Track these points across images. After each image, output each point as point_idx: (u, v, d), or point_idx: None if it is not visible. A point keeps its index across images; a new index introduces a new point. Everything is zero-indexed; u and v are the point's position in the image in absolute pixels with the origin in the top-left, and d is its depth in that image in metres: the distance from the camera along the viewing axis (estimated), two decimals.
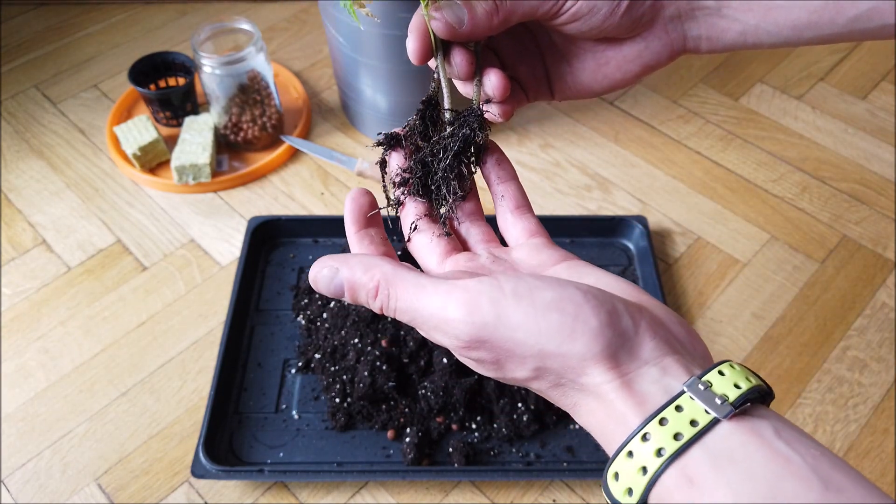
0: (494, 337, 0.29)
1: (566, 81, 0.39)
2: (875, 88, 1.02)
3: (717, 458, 0.26)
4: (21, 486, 0.65)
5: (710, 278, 0.81)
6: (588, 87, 0.38)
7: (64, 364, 0.73)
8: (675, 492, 0.26)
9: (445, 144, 0.36)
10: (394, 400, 0.67)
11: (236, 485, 0.65)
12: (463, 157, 0.36)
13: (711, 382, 0.28)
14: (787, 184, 0.90)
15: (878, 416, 0.70)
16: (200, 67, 0.85)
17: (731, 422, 0.27)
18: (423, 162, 0.36)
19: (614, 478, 0.28)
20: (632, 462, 0.27)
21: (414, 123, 0.37)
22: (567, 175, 0.91)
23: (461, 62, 0.35)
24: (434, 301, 0.30)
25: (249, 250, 0.79)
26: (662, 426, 0.27)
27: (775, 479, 0.25)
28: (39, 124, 0.98)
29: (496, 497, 0.65)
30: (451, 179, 0.36)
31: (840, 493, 0.25)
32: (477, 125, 0.36)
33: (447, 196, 0.36)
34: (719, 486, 0.25)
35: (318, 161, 0.92)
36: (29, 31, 1.11)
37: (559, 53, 0.38)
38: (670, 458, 0.26)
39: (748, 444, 0.26)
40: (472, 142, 0.36)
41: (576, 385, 0.29)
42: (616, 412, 0.28)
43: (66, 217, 0.87)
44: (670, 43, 0.37)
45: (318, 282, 0.33)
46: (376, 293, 0.32)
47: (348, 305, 0.72)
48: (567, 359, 0.29)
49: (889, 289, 0.79)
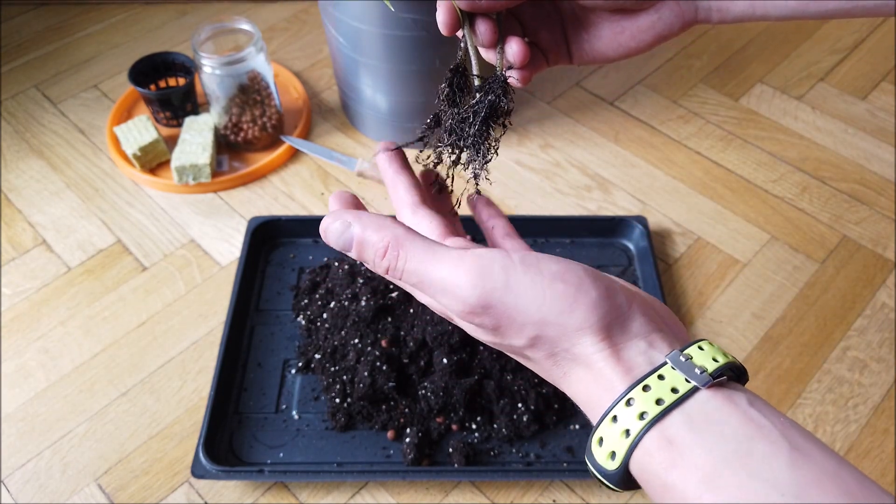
0: (500, 303, 0.31)
1: (584, 48, 0.40)
2: (875, 89, 1.02)
3: (694, 421, 0.28)
4: (21, 486, 0.65)
5: (710, 278, 0.81)
6: (604, 54, 0.40)
7: (64, 364, 0.73)
8: (655, 453, 0.28)
9: (475, 110, 0.38)
10: (394, 400, 0.67)
11: (236, 485, 0.65)
12: (491, 122, 0.38)
13: (692, 356, 0.30)
14: (787, 184, 0.90)
15: (879, 416, 0.70)
16: (200, 67, 0.85)
17: (708, 390, 0.29)
18: (454, 127, 0.39)
19: (598, 443, 0.30)
20: (615, 426, 0.29)
21: (443, 90, 0.39)
22: (567, 175, 0.91)
23: (485, 31, 0.37)
24: (444, 265, 0.31)
25: (249, 250, 0.79)
26: (646, 392, 0.29)
27: (747, 441, 0.27)
28: (39, 124, 0.98)
29: (496, 497, 0.65)
30: (481, 142, 0.38)
31: (807, 456, 0.26)
32: (501, 91, 0.38)
33: (477, 157, 0.39)
34: (696, 446, 0.27)
35: (318, 161, 0.92)
36: (29, 31, 1.11)
37: (578, 21, 0.40)
38: (652, 420, 0.28)
39: (723, 410, 0.28)
40: (498, 107, 0.38)
41: (568, 355, 0.31)
42: (604, 380, 0.30)
43: (66, 217, 0.87)
44: (682, 14, 0.38)
45: (329, 233, 0.34)
46: (385, 253, 0.33)
47: (348, 306, 0.72)
48: (565, 328, 0.31)
49: (889, 289, 0.79)
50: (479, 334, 0.33)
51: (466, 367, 0.68)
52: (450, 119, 0.39)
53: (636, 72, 1.05)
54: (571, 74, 1.05)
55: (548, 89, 1.02)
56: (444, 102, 0.39)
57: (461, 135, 0.39)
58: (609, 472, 0.30)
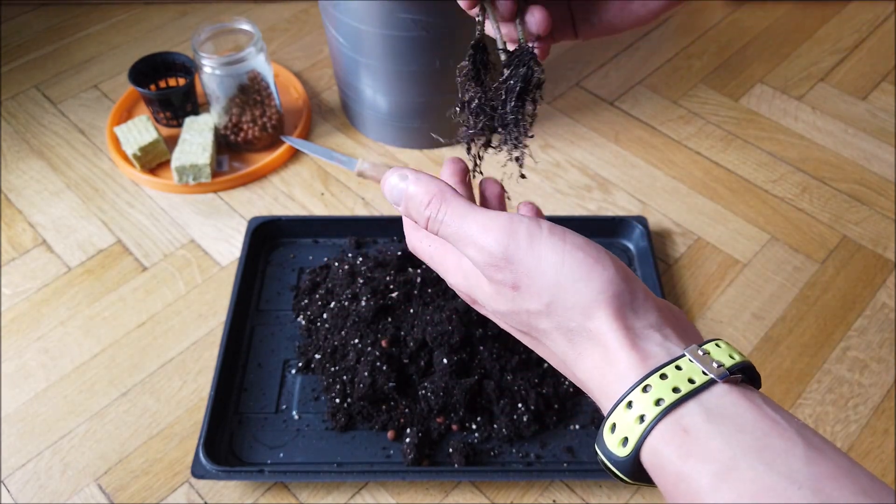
0: (520, 261, 0.32)
1: (591, 21, 0.40)
2: (875, 89, 1.02)
3: (711, 412, 0.28)
4: (21, 487, 0.65)
5: (711, 279, 0.81)
6: (613, 25, 0.40)
7: (64, 364, 0.73)
8: (669, 441, 0.28)
9: (507, 86, 0.37)
10: (394, 400, 0.67)
11: (236, 485, 0.65)
12: (526, 96, 0.37)
13: (709, 351, 0.30)
14: (788, 184, 0.90)
15: (879, 416, 0.70)
16: (201, 68, 0.85)
17: (724, 384, 0.29)
18: (483, 109, 0.37)
19: (611, 430, 0.30)
20: (630, 412, 0.29)
21: (464, 69, 0.38)
22: (567, 175, 0.91)
23: (505, 2, 0.37)
24: (479, 219, 0.33)
25: (249, 250, 0.79)
26: (663, 381, 0.29)
27: (763, 436, 0.27)
28: (40, 124, 0.98)
29: (496, 497, 0.65)
30: (520, 119, 0.37)
31: (822, 453, 0.26)
32: (532, 61, 0.37)
33: (517, 136, 0.38)
34: (712, 437, 0.27)
35: (318, 161, 0.92)
36: (29, 31, 1.11)
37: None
38: (668, 407, 0.28)
39: (739, 404, 0.28)
40: (531, 78, 0.37)
41: (583, 331, 0.31)
42: (619, 365, 0.30)
43: (66, 217, 0.87)
44: None
45: (386, 184, 0.37)
46: (428, 203, 0.35)
47: (348, 306, 0.72)
48: (580, 296, 0.31)
49: (889, 289, 0.79)
50: (499, 297, 0.33)
51: (466, 368, 0.68)
52: (476, 99, 0.37)
53: (636, 72, 1.05)
54: (571, 75, 1.05)
55: (548, 89, 1.02)
56: (468, 82, 0.37)
57: (492, 115, 0.37)
58: (619, 460, 0.29)
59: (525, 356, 0.70)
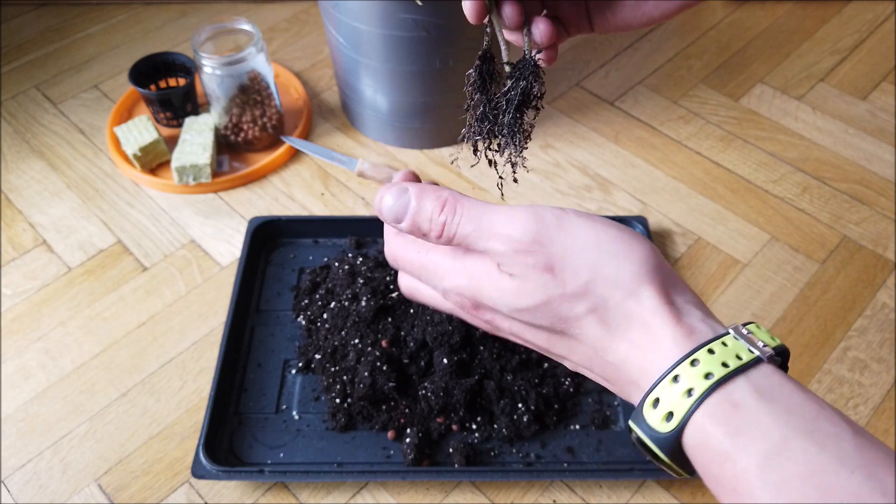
0: (554, 239, 0.31)
1: (606, 17, 0.40)
2: (875, 89, 1.02)
3: (760, 389, 0.28)
4: (21, 487, 0.65)
5: (711, 279, 0.81)
6: (627, 23, 0.40)
7: (64, 364, 0.73)
8: (718, 416, 0.27)
9: (508, 97, 0.38)
10: (394, 400, 0.67)
11: (236, 485, 0.65)
12: (524, 109, 0.38)
13: (752, 331, 0.30)
14: (788, 184, 0.90)
15: (879, 416, 0.70)
16: (201, 68, 0.85)
17: (769, 365, 0.29)
18: (486, 116, 0.38)
19: (653, 405, 0.29)
20: (676, 386, 0.28)
21: (471, 78, 0.39)
22: (567, 175, 0.91)
23: (511, 13, 0.37)
24: (500, 211, 0.33)
25: (250, 251, 0.79)
26: (710, 355, 0.28)
27: (812, 419, 0.27)
28: (40, 125, 0.98)
29: (496, 497, 0.65)
30: (517, 130, 0.38)
31: (870, 440, 0.26)
32: (532, 76, 0.38)
33: (514, 147, 0.38)
34: (763, 414, 0.27)
35: (318, 161, 0.92)
36: (29, 31, 1.11)
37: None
38: (718, 381, 0.27)
39: (786, 385, 0.28)
40: (530, 92, 0.38)
41: (621, 309, 0.30)
42: (664, 341, 0.30)
43: (66, 217, 0.87)
44: None
45: (384, 200, 0.36)
46: (442, 209, 0.34)
47: (348, 306, 0.72)
48: (622, 270, 0.31)
49: (889, 289, 0.79)
50: (524, 294, 0.32)
51: (467, 368, 0.68)
52: (481, 107, 0.38)
53: (636, 72, 1.05)
54: (571, 74, 1.05)
55: (548, 89, 1.02)
56: (474, 90, 0.38)
57: (495, 122, 0.38)
58: (662, 436, 0.28)
59: (525, 356, 0.70)
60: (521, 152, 0.39)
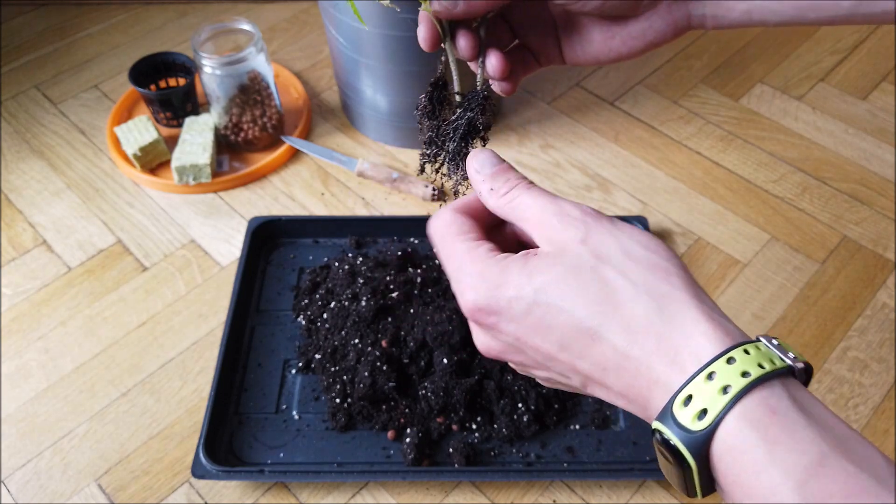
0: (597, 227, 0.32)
1: (576, 50, 0.40)
2: (875, 89, 1.02)
3: (796, 398, 0.26)
4: (21, 487, 0.65)
5: (711, 279, 0.81)
6: (595, 58, 0.40)
7: (64, 364, 0.73)
8: (755, 419, 0.26)
9: (454, 126, 0.38)
10: (394, 400, 0.67)
11: (236, 485, 0.65)
12: (470, 139, 0.39)
13: (780, 341, 0.29)
14: (788, 184, 0.90)
15: (879, 416, 0.70)
16: (201, 68, 0.85)
17: (796, 378, 0.28)
18: (434, 142, 0.39)
19: (684, 402, 0.27)
20: (711, 384, 0.27)
21: (421, 103, 0.39)
22: (567, 175, 0.91)
23: (464, 45, 0.37)
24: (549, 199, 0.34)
25: (250, 251, 0.79)
26: (746, 355, 0.27)
27: (845, 438, 0.25)
28: (40, 125, 0.98)
29: (496, 497, 0.65)
30: (461, 158, 0.39)
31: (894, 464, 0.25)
32: (479, 109, 0.38)
33: (457, 172, 0.39)
34: (801, 425, 0.25)
35: (318, 161, 0.92)
36: (29, 31, 1.11)
37: (569, 24, 0.40)
38: (757, 380, 0.26)
39: (815, 401, 0.27)
40: (475, 123, 0.38)
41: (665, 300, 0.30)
42: (697, 337, 0.28)
43: (66, 217, 0.87)
44: (674, 22, 0.37)
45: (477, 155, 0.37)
46: (520, 179, 0.36)
47: (348, 306, 0.72)
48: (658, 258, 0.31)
49: (889, 289, 0.79)
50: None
51: (466, 368, 0.68)
52: (429, 132, 0.39)
53: (636, 72, 1.05)
54: (571, 74, 1.05)
55: (548, 89, 1.02)
56: (423, 116, 0.39)
57: (442, 148, 0.39)
58: (693, 435, 0.27)
59: None
60: (464, 180, 0.39)
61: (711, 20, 0.37)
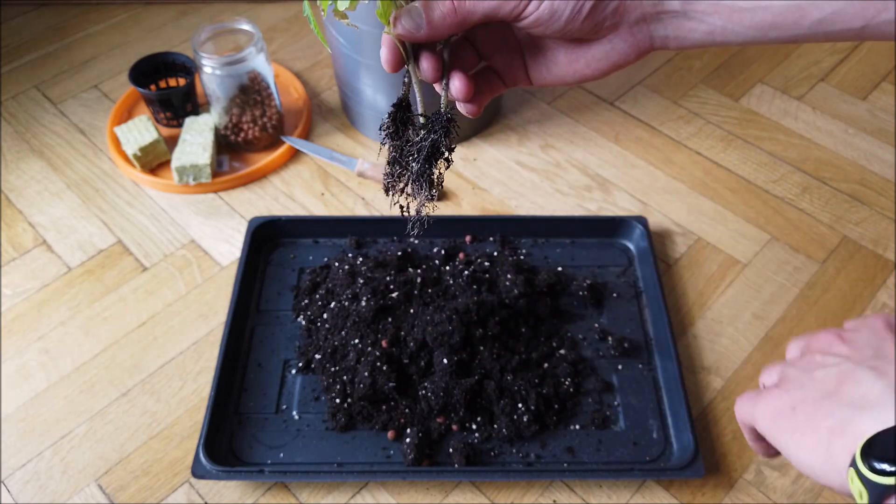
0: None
1: (541, 72, 0.41)
2: (875, 89, 1.02)
3: None
4: (21, 487, 0.65)
5: (711, 279, 0.81)
6: (561, 79, 0.41)
7: (64, 364, 0.73)
8: None
9: (418, 148, 0.38)
10: (394, 400, 0.67)
11: (237, 485, 0.65)
12: (433, 161, 0.39)
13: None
14: (788, 184, 0.90)
15: None
16: (201, 68, 0.85)
17: None
18: (398, 163, 0.39)
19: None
20: None
21: (385, 125, 0.39)
22: (567, 175, 0.91)
23: (427, 67, 0.38)
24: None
25: (250, 251, 0.79)
26: None
27: None
28: (40, 125, 0.98)
29: (496, 497, 0.65)
30: (424, 181, 0.39)
31: None
32: (444, 131, 0.38)
33: (420, 193, 0.39)
34: None
35: (318, 161, 0.92)
36: (29, 31, 1.11)
37: (534, 47, 0.40)
38: None
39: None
40: (438, 146, 0.38)
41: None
42: None
43: (66, 217, 0.87)
44: (636, 44, 0.38)
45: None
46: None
47: (348, 306, 0.72)
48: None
49: (889, 289, 0.79)
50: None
51: (466, 368, 0.68)
52: (393, 152, 0.39)
53: (636, 72, 1.05)
54: None
55: (548, 90, 1.02)
56: (386, 136, 0.39)
57: (405, 168, 0.39)
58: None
59: (525, 356, 0.70)
60: (428, 201, 0.39)
61: (674, 41, 0.38)
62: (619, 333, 0.74)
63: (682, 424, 0.66)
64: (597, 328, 0.75)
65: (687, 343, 0.75)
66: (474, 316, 0.68)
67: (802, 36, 0.36)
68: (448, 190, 0.90)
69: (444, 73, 0.38)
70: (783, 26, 0.35)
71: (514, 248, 0.82)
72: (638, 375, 0.71)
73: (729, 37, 0.37)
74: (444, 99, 0.39)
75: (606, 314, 0.76)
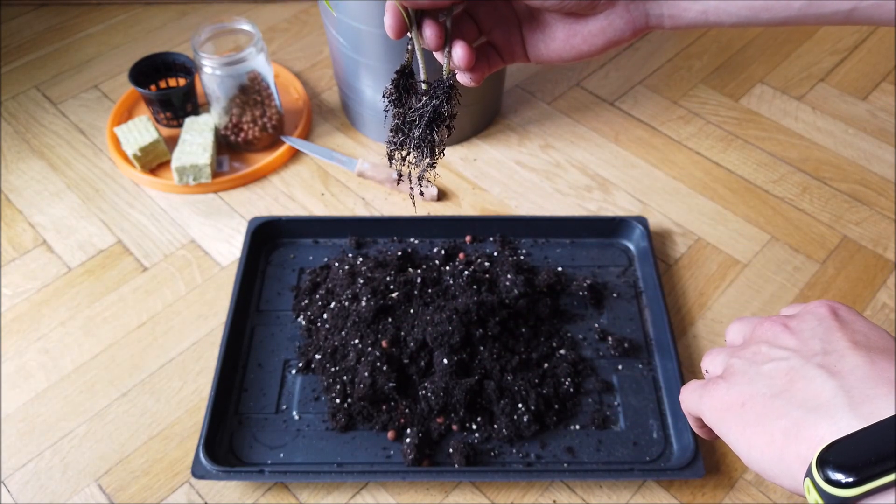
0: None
1: (539, 48, 0.41)
2: (875, 89, 1.02)
3: None
4: (21, 487, 0.65)
5: (711, 279, 0.81)
6: (559, 55, 0.41)
7: (64, 364, 0.73)
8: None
9: (420, 113, 0.39)
10: (394, 401, 0.67)
11: (237, 485, 0.65)
12: (435, 126, 0.39)
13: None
14: (788, 184, 0.90)
15: None
16: (201, 68, 0.85)
17: None
18: (401, 130, 0.39)
19: None
20: None
21: (388, 91, 0.40)
22: (567, 175, 0.91)
23: (430, 35, 0.38)
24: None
25: (250, 251, 0.79)
26: None
27: None
28: (40, 125, 0.98)
29: (496, 498, 0.65)
30: (425, 146, 0.39)
31: None
32: (445, 97, 0.39)
33: (422, 159, 0.40)
34: None
35: (318, 161, 0.92)
36: (29, 31, 1.11)
37: (533, 22, 0.41)
38: None
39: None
40: (441, 112, 0.39)
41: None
42: None
43: (66, 218, 0.87)
44: (632, 21, 0.39)
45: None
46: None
47: (348, 306, 0.72)
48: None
49: (889, 289, 0.79)
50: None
51: (466, 368, 0.68)
52: (395, 119, 0.40)
53: (636, 72, 1.05)
54: (571, 75, 1.05)
55: (548, 90, 1.02)
56: (390, 103, 0.40)
57: (408, 135, 0.39)
58: None
59: (525, 356, 0.70)
60: (430, 166, 0.40)
61: (669, 20, 0.38)
62: (619, 333, 0.74)
63: (682, 424, 0.66)
64: (597, 328, 0.75)
65: (687, 343, 0.75)
66: (474, 316, 0.68)
67: (793, 18, 0.36)
68: (448, 190, 0.90)
69: (446, 42, 0.38)
70: (773, 8, 0.36)
71: (514, 249, 0.82)
72: (638, 375, 0.71)
73: (722, 16, 0.37)
74: (445, 67, 0.39)
75: (606, 314, 0.76)
